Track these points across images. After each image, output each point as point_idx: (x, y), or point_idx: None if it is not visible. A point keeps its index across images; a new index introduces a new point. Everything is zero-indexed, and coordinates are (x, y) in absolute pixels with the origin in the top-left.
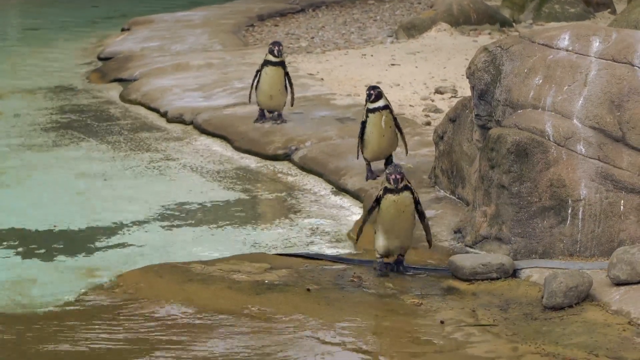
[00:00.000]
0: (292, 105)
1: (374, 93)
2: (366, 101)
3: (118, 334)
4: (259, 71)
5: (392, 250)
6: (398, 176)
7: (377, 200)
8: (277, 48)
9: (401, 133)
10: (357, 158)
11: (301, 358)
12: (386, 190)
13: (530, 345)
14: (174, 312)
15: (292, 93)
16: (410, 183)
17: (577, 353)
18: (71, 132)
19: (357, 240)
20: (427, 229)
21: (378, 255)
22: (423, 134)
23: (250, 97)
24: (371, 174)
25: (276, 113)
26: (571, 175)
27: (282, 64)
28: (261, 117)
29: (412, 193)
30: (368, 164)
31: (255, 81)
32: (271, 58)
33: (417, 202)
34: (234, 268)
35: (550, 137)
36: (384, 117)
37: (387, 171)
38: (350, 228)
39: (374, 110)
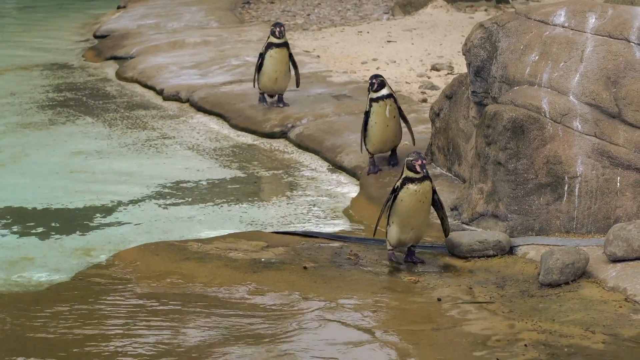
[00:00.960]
0: (298, 85)
1: (377, 82)
2: (369, 90)
3: (115, 312)
4: (262, 55)
5: (406, 242)
6: (424, 161)
7: (395, 192)
8: (278, 29)
9: (407, 122)
10: (361, 151)
11: (298, 335)
12: (406, 181)
13: (526, 322)
14: (170, 290)
15: (297, 74)
16: (428, 172)
17: (574, 330)
18: (67, 110)
19: (374, 234)
20: (444, 218)
21: (390, 247)
22: (419, 111)
23: (254, 82)
24: (373, 168)
25: (277, 96)
26: (567, 152)
27: (286, 45)
28: (262, 100)
29: (431, 181)
30: (371, 157)
31: (258, 64)
32: (274, 40)
33: (434, 191)
34: (230, 246)
35: (546, 114)
36: (388, 106)
37: (410, 158)
38: (346, 205)
39: (377, 100)
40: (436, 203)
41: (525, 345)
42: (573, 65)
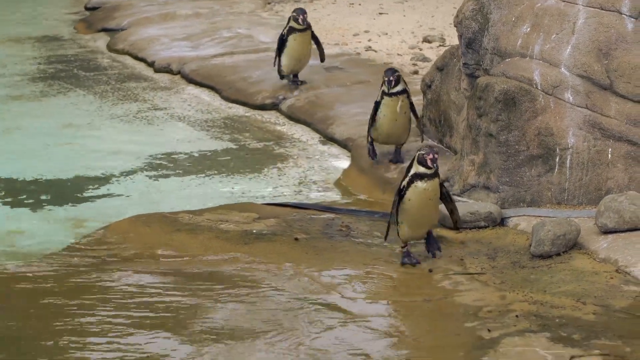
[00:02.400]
0: (322, 61)
1: (394, 79)
2: (382, 84)
3: (107, 283)
4: (283, 37)
5: (419, 238)
6: (436, 155)
7: (401, 192)
8: (301, 17)
9: (417, 119)
10: (367, 142)
11: (289, 307)
12: (415, 178)
13: (518, 293)
14: (162, 261)
15: (322, 50)
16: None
17: (565, 301)
18: (58, 82)
19: (385, 239)
20: (454, 210)
21: (402, 245)
22: (411, 82)
23: (275, 63)
24: (373, 153)
25: (292, 76)
26: (559, 123)
27: (309, 28)
28: (292, 81)
29: (439, 177)
30: (371, 143)
31: (279, 47)
32: (296, 26)
33: (442, 184)
34: (222, 218)
35: (538, 86)
36: (400, 102)
37: (422, 152)
38: (338, 177)
39: (390, 95)
40: (444, 196)
41: (517, 316)
42: (565, 37)
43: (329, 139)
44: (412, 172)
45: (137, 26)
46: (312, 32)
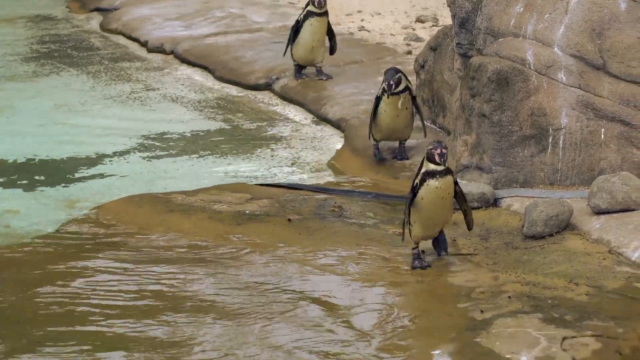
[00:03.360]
0: (331, 53)
1: (394, 82)
2: (383, 81)
3: (99, 263)
4: (299, 22)
5: (431, 237)
6: (444, 150)
7: (414, 190)
8: (317, 0)
9: (420, 115)
10: (369, 138)
11: (282, 286)
12: (427, 176)
13: (510, 274)
14: (155, 242)
15: (335, 42)
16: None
17: (557, 282)
18: (51, 62)
19: (402, 239)
20: (467, 211)
21: (414, 245)
22: (404, 63)
23: (286, 51)
24: (379, 153)
25: (316, 68)
26: (552, 103)
27: (326, 14)
28: (299, 73)
29: (453, 175)
30: (376, 143)
31: (293, 32)
32: (314, 9)
33: (456, 183)
34: (214, 198)
35: (531, 66)
36: (402, 98)
37: (430, 147)
38: (331, 157)
39: (392, 94)
40: (458, 195)
41: (509, 297)
42: (558, 16)
43: (322, 119)
44: (423, 169)
45: (130, 6)
46: (329, 21)
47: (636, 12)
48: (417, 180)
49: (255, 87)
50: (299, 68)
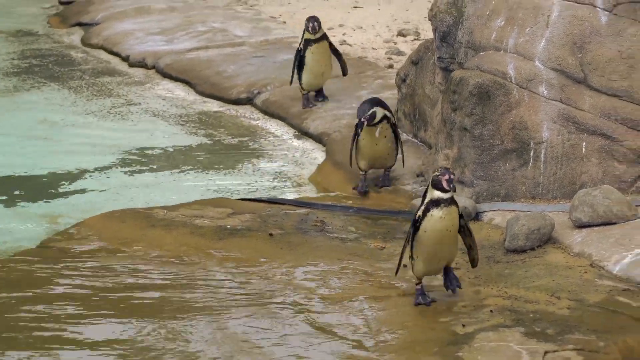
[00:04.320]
0: (344, 74)
1: (366, 119)
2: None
3: (79, 279)
4: (300, 52)
5: (435, 273)
6: (452, 176)
7: (416, 223)
8: (312, 25)
9: (399, 144)
10: (350, 165)
11: (263, 304)
12: (431, 206)
13: (492, 288)
14: (136, 257)
15: (343, 62)
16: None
17: (539, 295)
18: (32, 77)
19: (396, 274)
20: (473, 246)
21: (417, 281)
22: (385, 77)
23: (292, 80)
24: (362, 186)
25: (313, 92)
26: (533, 117)
27: (324, 37)
28: (307, 103)
29: (457, 205)
30: (363, 174)
31: (297, 64)
32: (310, 36)
33: (461, 215)
34: (196, 213)
35: (512, 79)
36: (379, 128)
37: (437, 173)
38: (312, 172)
39: (369, 125)
40: (463, 229)
41: (491, 311)
42: (539, 30)
43: (303, 133)
44: (427, 199)
45: (111, 20)
46: (330, 42)
47: (617, 26)
48: (419, 212)
49: (237, 102)
50: (307, 96)
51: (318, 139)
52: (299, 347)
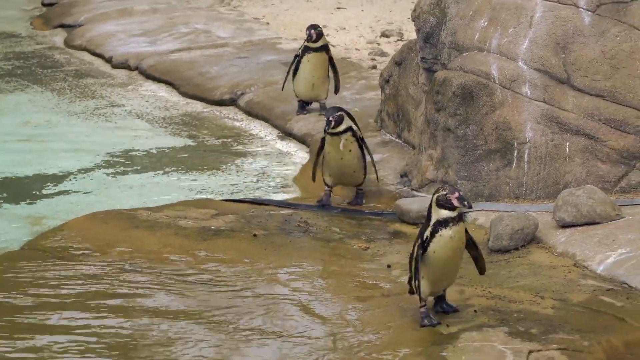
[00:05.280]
0: (337, 92)
1: (334, 120)
2: (326, 129)
3: (64, 281)
4: (297, 57)
5: (438, 293)
6: (462, 193)
7: (424, 244)
8: (310, 32)
9: (370, 156)
10: (313, 180)
11: (247, 304)
12: (439, 226)
13: (476, 288)
14: (120, 258)
15: (337, 79)
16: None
17: (523, 295)
18: (15, 79)
19: (414, 293)
20: (479, 257)
21: (422, 303)
22: (369, 77)
23: (284, 86)
24: (326, 198)
25: (319, 104)
26: (517, 117)
27: (324, 48)
28: (302, 108)
29: (464, 222)
30: (329, 189)
31: (293, 69)
32: (310, 44)
33: (466, 230)
34: (180, 214)
35: (495, 80)
36: (343, 140)
37: (443, 192)
38: (296, 173)
39: (332, 135)
40: (469, 243)
41: (475, 311)
42: (522, 31)
43: (287, 134)
44: (433, 219)
45: (94, 22)
46: (331, 56)
47: (600, 26)
48: (427, 233)
49: (220, 103)
50: (302, 103)
51: (302, 139)
52: (281, 345)
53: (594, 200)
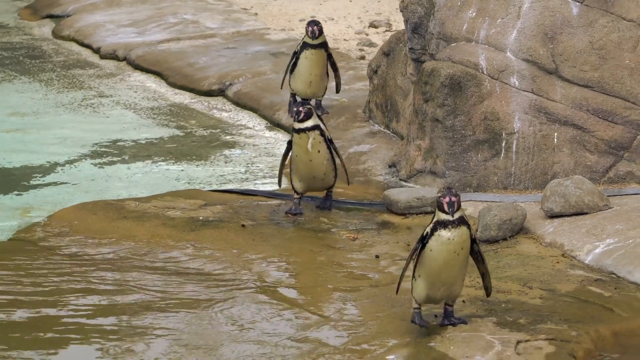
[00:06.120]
0: (338, 91)
1: (303, 111)
2: (293, 119)
3: (52, 271)
4: (296, 54)
5: (436, 300)
6: (453, 199)
7: (423, 240)
8: (312, 28)
9: (339, 157)
10: (279, 185)
11: (235, 295)
12: (438, 226)
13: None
14: (108, 249)
15: (338, 77)
16: (466, 215)
17: (511, 285)
18: (3, 70)
19: (397, 292)
20: (486, 273)
21: (416, 305)
22: (357, 68)
23: (283, 83)
24: (295, 208)
25: (315, 101)
26: (505, 108)
27: (323, 46)
28: (294, 104)
29: (469, 228)
30: (298, 197)
31: (291, 65)
32: (309, 40)
33: (473, 240)
34: (168, 205)
35: (483, 70)
36: (311, 139)
37: (439, 194)
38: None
39: (299, 131)
40: (476, 255)
41: (464, 301)
42: (510, 21)
43: (275, 125)
44: (434, 218)
45: (82, 12)
46: (330, 53)
47: (588, 17)
48: (427, 229)
49: (209, 93)
50: (294, 99)
51: (290, 130)
52: (267, 336)
53: (582, 190)
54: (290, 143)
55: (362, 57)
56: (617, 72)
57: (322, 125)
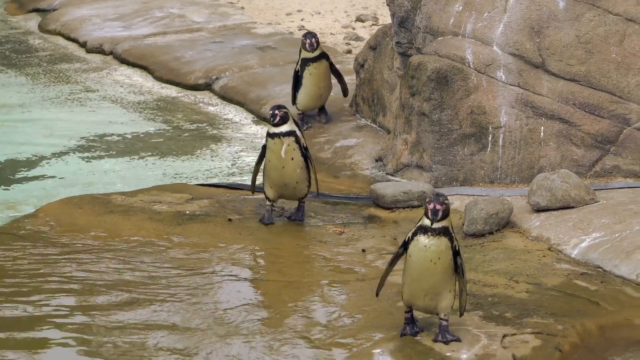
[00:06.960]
0: (345, 95)
1: (279, 114)
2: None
3: (37, 265)
4: (297, 73)
5: (421, 308)
6: (438, 207)
7: (405, 245)
8: (309, 41)
9: (312, 166)
10: (252, 192)
11: (222, 288)
12: (419, 231)
13: None
14: (94, 243)
15: (344, 83)
16: (452, 226)
17: (498, 279)
18: None
19: (377, 294)
20: (463, 290)
21: (406, 309)
22: (344, 62)
23: (294, 101)
24: (268, 217)
25: (317, 110)
26: (491, 102)
27: (324, 56)
28: (302, 122)
29: (452, 240)
30: (270, 204)
31: (294, 83)
32: (308, 54)
33: (456, 253)
34: (155, 199)
35: (470, 64)
36: (285, 145)
37: (427, 198)
38: None
39: (273, 136)
40: (458, 268)
41: None
42: (497, 15)
43: (262, 119)
44: (419, 223)
45: (69, 6)
46: (331, 62)
47: (575, 11)
48: (409, 234)
49: (195, 87)
50: (304, 117)
51: None
52: (255, 331)
53: (568, 184)
54: (264, 147)
55: (349, 51)
56: (604, 66)
57: (298, 132)
